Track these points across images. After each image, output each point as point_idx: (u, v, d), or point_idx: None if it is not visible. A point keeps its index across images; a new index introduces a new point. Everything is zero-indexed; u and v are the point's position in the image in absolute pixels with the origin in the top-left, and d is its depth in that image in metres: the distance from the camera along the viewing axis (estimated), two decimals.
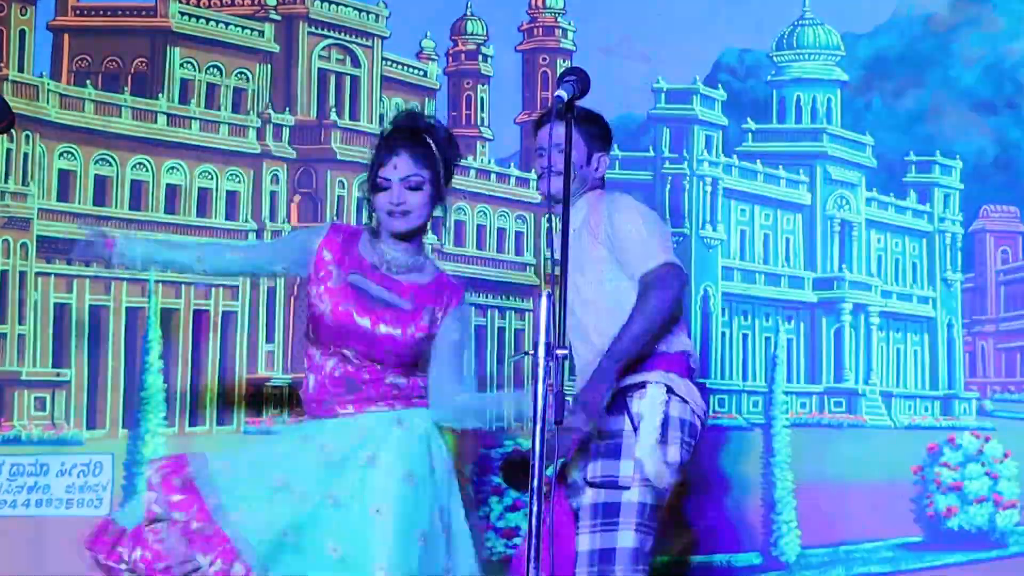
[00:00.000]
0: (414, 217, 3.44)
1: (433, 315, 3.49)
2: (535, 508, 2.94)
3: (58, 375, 4.99)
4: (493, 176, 5.28)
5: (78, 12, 5.23)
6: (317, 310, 3.48)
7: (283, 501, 3.35)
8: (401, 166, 3.44)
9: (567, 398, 4.73)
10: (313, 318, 3.50)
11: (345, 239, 3.57)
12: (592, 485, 3.58)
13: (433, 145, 3.50)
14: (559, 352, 2.96)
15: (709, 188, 5.19)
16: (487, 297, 5.11)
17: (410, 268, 3.51)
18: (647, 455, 3.56)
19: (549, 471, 3.41)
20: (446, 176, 3.52)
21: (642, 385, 3.61)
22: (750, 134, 5.23)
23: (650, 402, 3.61)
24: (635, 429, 3.57)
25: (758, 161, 5.22)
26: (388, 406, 3.47)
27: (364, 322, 3.45)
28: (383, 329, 3.44)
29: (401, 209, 3.43)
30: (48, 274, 5.02)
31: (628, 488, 3.55)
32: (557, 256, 3.08)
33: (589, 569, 3.56)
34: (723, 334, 5.15)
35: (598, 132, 3.94)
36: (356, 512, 3.37)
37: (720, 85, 5.21)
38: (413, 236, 3.48)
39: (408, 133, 3.52)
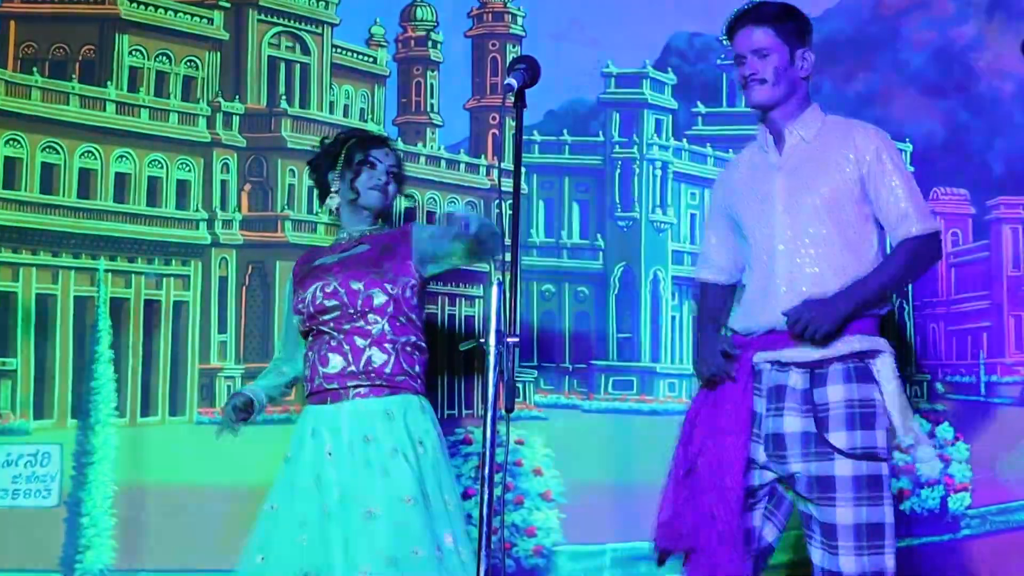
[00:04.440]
0: (389, 198, 4.00)
1: (397, 246, 3.90)
2: (487, 495, 3.00)
3: (3, 364, 4.99)
4: (443, 162, 5.31)
5: None
6: (300, 305, 3.89)
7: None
8: (390, 157, 4.03)
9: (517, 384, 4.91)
10: (298, 312, 3.92)
11: (305, 255, 4.12)
12: (852, 456, 3.51)
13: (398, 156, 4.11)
14: (509, 340, 3.03)
15: (659, 172, 5.22)
16: (436, 284, 5.06)
17: (368, 232, 3.99)
18: (901, 423, 3.55)
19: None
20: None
21: (875, 353, 3.57)
22: (700, 117, 5.25)
23: (889, 369, 3.58)
24: (883, 397, 3.55)
25: (708, 145, 5.23)
26: (375, 394, 3.77)
27: (333, 282, 3.82)
28: (354, 283, 3.80)
29: (385, 187, 3.96)
30: None
31: (887, 460, 3.54)
32: (507, 242, 3.11)
33: (857, 544, 3.51)
34: (673, 318, 5.18)
35: (794, 27, 3.75)
36: (354, 511, 3.65)
37: (670, 69, 5.24)
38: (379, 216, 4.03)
39: (386, 138, 4.18)
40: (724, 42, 5.08)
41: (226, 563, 4.53)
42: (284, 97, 5.26)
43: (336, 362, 3.77)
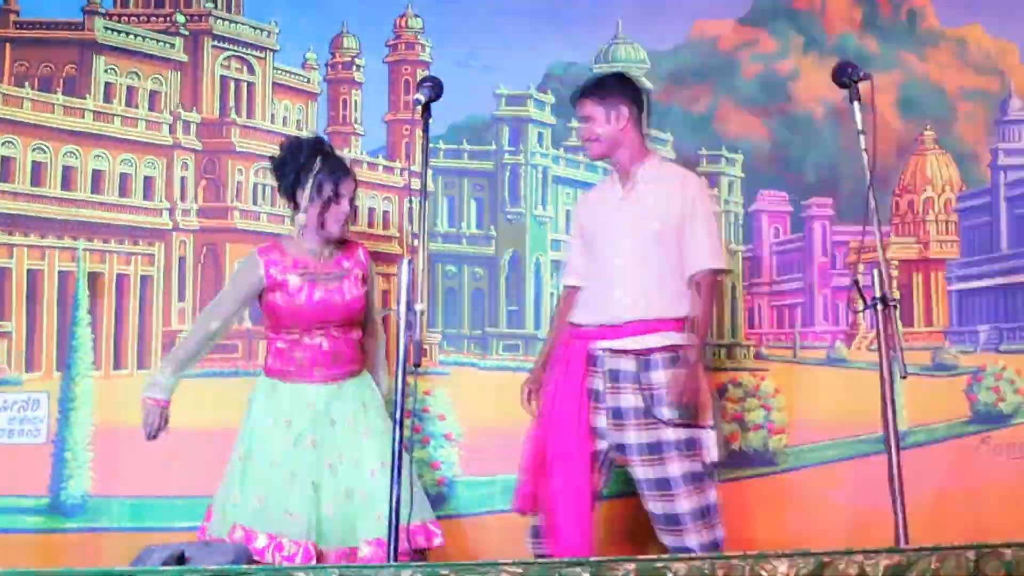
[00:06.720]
0: (347, 225, 4.30)
1: (364, 273, 4.30)
2: (398, 435, 3.33)
3: (1, 327, 5.22)
4: (365, 165, 5.46)
5: (18, 26, 5.45)
6: (293, 305, 4.17)
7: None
8: (350, 187, 4.23)
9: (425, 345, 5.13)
10: (291, 312, 4.18)
11: (277, 252, 4.28)
12: (674, 424, 3.92)
13: (356, 181, 4.31)
14: (417, 307, 3.35)
15: (541, 175, 5.43)
16: None
17: (342, 248, 4.33)
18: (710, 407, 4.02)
19: None
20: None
21: (688, 347, 3.95)
22: (574, 131, 5.38)
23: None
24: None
25: (580, 153, 5.40)
26: (355, 372, 4.24)
27: (336, 299, 4.22)
28: (350, 295, 4.23)
29: (347, 219, 4.23)
30: None
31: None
32: (416, 230, 3.52)
33: (686, 488, 3.90)
34: (551, 293, 5.39)
35: (603, 93, 4.01)
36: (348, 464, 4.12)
37: (550, 91, 5.48)
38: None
39: (348, 166, 4.30)
40: (593, 70, 5.42)
41: (183, 491, 5.01)
42: (234, 109, 5.49)
43: (332, 351, 4.18)
